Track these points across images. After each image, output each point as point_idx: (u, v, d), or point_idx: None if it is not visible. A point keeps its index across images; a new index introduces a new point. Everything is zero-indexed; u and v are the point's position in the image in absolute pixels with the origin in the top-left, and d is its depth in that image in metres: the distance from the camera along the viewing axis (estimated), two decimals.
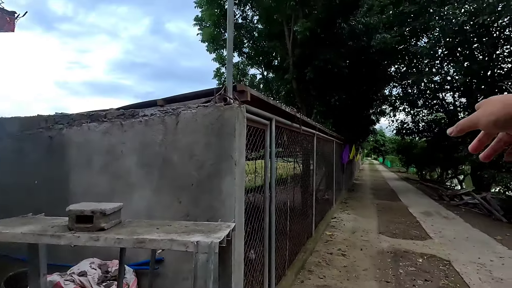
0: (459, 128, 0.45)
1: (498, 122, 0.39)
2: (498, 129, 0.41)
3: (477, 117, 0.42)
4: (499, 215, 7.70)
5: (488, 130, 0.43)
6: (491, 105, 0.41)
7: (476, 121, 0.42)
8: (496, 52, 10.22)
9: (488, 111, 0.41)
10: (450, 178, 18.47)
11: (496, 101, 0.40)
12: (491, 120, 0.40)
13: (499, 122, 0.39)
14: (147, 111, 2.09)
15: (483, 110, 0.42)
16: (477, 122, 0.42)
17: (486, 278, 3.83)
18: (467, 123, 0.44)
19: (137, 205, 2.05)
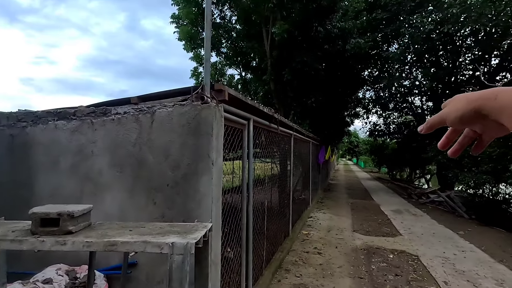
0: (429, 125, 0.48)
1: (463, 117, 0.42)
2: (464, 124, 0.44)
3: (445, 114, 0.45)
4: (461, 212, 8.25)
5: (455, 126, 0.45)
6: (457, 102, 0.43)
7: (444, 117, 0.45)
8: (459, 59, 10.96)
9: (454, 107, 0.43)
10: (418, 178, 19.50)
11: (461, 98, 0.43)
12: (458, 115, 0.42)
13: (464, 118, 0.42)
14: (120, 109, 2.01)
15: (450, 107, 0.45)
16: (445, 118, 0.45)
17: (450, 271, 4.08)
18: (436, 119, 0.47)
19: (109, 207, 1.97)
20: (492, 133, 0.45)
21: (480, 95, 0.40)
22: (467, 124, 0.44)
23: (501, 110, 0.36)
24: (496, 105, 0.37)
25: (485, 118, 0.40)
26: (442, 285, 3.62)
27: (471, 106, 0.41)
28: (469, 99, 0.41)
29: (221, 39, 11.26)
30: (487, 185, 8.03)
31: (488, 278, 3.88)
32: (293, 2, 7.94)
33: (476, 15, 7.84)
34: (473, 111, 0.40)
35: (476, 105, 0.40)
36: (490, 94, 0.38)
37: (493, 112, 0.38)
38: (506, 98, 0.36)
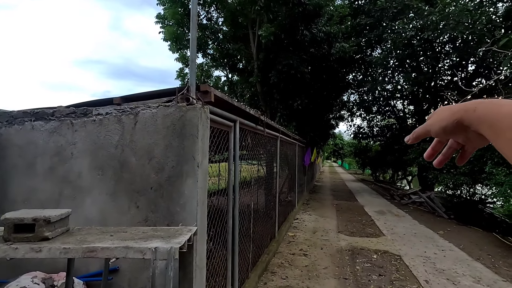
0: (415, 136, 0.50)
1: (446, 128, 0.43)
2: (447, 135, 0.45)
3: (429, 125, 0.47)
4: (441, 212, 8.53)
5: (439, 137, 0.47)
6: (441, 113, 0.45)
7: (429, 129, 0.46)
8: (438, 65, 11.38)
9: (439, 118, 0.45)
10: (400, 179, 20.06)
11: (445, 109, 0.44)
12: (441, 126, 0.44)
13: (447, 129, 0.43)
14: (102, 109, 1.95)
15: (434, 118, 0.46)
16: (429, 129, 0.46)
17: (430, 270, 4.20)
18: (422, 130, 0.48)
19: (89, 212, 1.89)
20: (475, 144, 0.47)
21: (461, 107, 0.41)
22: (450, 135, 0.45)
23: (480, 121, 0.37)
24: (475, 117, 0.38)
25: (467, 129, 0.41)
26: (423, 284, 3.72)
27: (454, 117, 0.42)
28: (452, 110, 0.43)
29: (208, 41, 11.19)
30: (465, 186, 8.37)
31: (466, 276, 4.02)
32: (280, 5, 8.01)
33: (454, 23, 8.18)
34: (455, 122, 0.42)
35: (458, 116, 0.41)
36: (470, 106, 0.40)
37: (473, 123, 0.39)
38: (484, 110, 0.37)
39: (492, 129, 0.35)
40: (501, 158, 6.22)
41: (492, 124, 0.35)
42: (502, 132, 0.34)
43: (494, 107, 0.36)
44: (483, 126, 0.37)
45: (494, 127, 0.35)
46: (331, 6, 9.96)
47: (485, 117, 0.37)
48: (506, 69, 5.58)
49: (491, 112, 0.36)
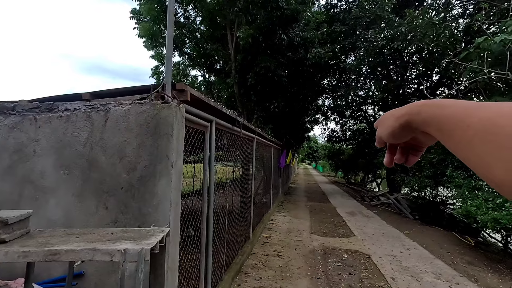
0: (377, 141, 0.51)
1: (394, 133, 0.45)
2: (397, 139, 0.47)
3: (379, 133, 0.49)
4: (407, 213, 9.01)
5: (390, 141, 0.49)
6: (386, 120, 0.47)
7: (381, 135, 0.49)
8: (407, 74, 12.06)
9: (385, 126, 0.47)
10: (370, 181, 20.91)
11: (388, 116, 0.46)
12: (389, 133, 0.46)
13: (395, 134, 0.45)
14: (70, 105, 1.85)
15: (381, 126, 0.48)
16: (381, 136, 0.48)
17: (396, 267, 4.42)
18: (377, 138, 0.50)
19: (53, 213, 1.78)
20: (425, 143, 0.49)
21: (405, 111, 0.42)
22: (400, 138, 0.46)
23: (426, 124, 0.38)
24: (421, 120, 0.39)
25: (415, 130, 0.42)
26: (390, 281, 3.90)
27: (399, 122, 0.43)
28: (396, 116, 0.44)
29: (185, 39, 11.00)
30: (428, 188, 8.91)
31: (429, 272, 4.28)
32: (258, 8, 8.07)
33: (421, 35, 8.72)
34: (402, 126, 0.43)
35: (403, 121, 0.43)
36: (414, 109, 0.41)
37: (420, 126, 0.40)
38: (428, 113, 0.38)
39: (440, 132, 0.36)
40: (460, 162, 6.69)
41: (438, 127, 0.36)
42: (449, 134, 0.34)
43: (438, 110, 0.36)
44: (431, 129, 0.38)
45: (441, 130, 0.35)
46: (308, 12, 10.19)
47: (431, 120, 0.37)
48: (466, 80, 6.03)
49: (435, 115, 0.36)
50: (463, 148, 0.32)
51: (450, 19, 10.15)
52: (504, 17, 7.05)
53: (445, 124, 0.34)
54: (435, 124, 0.37)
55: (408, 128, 0.42)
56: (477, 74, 5.32)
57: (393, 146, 0.52)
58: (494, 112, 0.29)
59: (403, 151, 0.52)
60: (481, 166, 0.29)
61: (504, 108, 0.28)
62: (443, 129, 0.35)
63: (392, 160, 0.53)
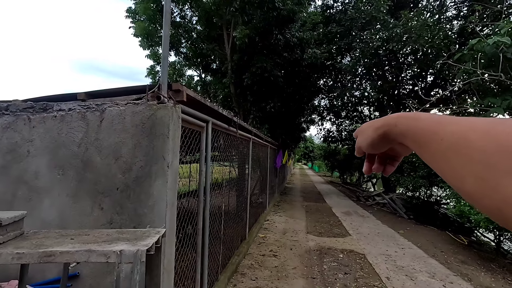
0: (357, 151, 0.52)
1: (373, 144, 0.46)
2: (375, 149, 0.48)
3: (358, 143, 0.50)
4: (402, 213, 9.09)
5: (369, 151, 0.50)
6: (365, 130, 0.48)
7: (360, 145, 0.49)
8: (402, 75, 12.16)
9: (364, 136, 0.48)
10: (366, 181, 21.03)
11: (368, 127, 0.47)
12: (368, 143, 0.47)
13: (374, 144, 0.46)
14: (64, 105, 1.83)
15: (360, 136, 0.49)
16: (360, 146, 0.49)
17: (391, 267, 4.46)
18: (357, 148, 0.51)
19: (47, 214, 1.77)
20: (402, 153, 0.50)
21: (383, 122, 0.44)
22: (378, 148, 0.47)
23: (403, 136, 0.39)
24: (398, 132, 0.40)
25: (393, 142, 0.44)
26: (385, 280, 3.93)
27: (377, 133, 0.44)
28: (374, 127, 0.45)
29: (181, 39, 10.95)
30: (423, 188, 9.00)
31: (423, 272, 4.32)
32: (255, 8, 8.07)
33: (416, 36, 8.80)
34: (380, 137, 0.44)
35: (381, 132, 0.44)
36: (391, 121, 0.42)
37: (397, 138, 0.41)
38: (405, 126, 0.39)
39: (416, 143, 0.37)
40: None
41: (414, 139, 0.37)
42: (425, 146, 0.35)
43: (413, 123, 0.37)
44: (407, 140, 0.39)
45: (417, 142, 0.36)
46: (305, 13, 10.22)
47: (406, 132, 0.38)
48: (459, 81, 6.10)
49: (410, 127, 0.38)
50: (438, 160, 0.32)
51: (444, 21, 10.26)
52: (497, 19, 7.15)
53: (421, 136, 0.35)
54: (411, 136, 0.38)
55: (386, 139, 0.44)
56: (471, 76, 5.39)
57: (371, 155, 0.53)
58: (466, 127, 0.30)
59: (381, 161, 0.53)
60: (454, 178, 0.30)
61: (476, 123, 0.29)
62: (418, 141, 0.36)
63: (371, 169, 0.54)
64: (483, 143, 0.27)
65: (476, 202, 0.28)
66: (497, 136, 0.26)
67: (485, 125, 0.28)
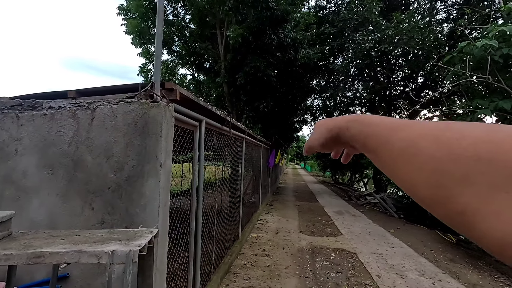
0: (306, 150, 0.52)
1: (324, 143, 0.46)
2: (327, 149, 0.48)
3: (310, 140, 0.49)
4: (392, 212, 9.22)
5: (319, 150, 0.49)
6: (318, 128, 0.47)
7: (311, 144, 0.49)
8: (393, 76, 12.33)
9: (317, 134, 0.47)
10: (357, 181, 21.28)
11: (321, 125, 0.46)
12: (320, 142, 0.46)
13: (325, 144, 0.46)
14: (54, 103, 1.79)
15: (313, 134, 0.48)
16: (311, 145, 0.49)
17: (382, 265, 4.52)
18: (306, 146, 0.50)
19: (36, 214, 1.73)
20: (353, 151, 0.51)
21: (336, 124, 0.43)
22: (330, 149, 0.47)
23: (353, 139, 0.39)
24: (350, 135, 0.40)
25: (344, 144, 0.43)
26: (376, 279, 3.98)
27: (329, 134, 0.44)
28: (328, 127, 0.44)
29: (174, 37, 10.86)
30: None
31: (413, 270, 4.39)
32: (248, 7, 8.06)
33: (407, 38, 8.94)
34: (332, 138, 0.44)
35: (333, 133, 0.43)
36: (343, 124, 0.41)
37: (348, 141, 0.41)
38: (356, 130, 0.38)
39: (366, 149, 0.37)
40: None
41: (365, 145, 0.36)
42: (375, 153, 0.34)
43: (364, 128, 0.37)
44: (357, 145, 0.39)
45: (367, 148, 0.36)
46: (298, 13, 10.27)
47: (358, 137, 0.38)
48: (449, 83, 6.22)
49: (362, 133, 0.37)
50: (390, 167, 0.32)
51: (435, 23, 10.45)
52: (486, 22, 7.31)
53: (372, 142, 0.35)
54: (361, 141, 0.37)
55: (338, 141, 0.43)
56: (460, 78, 5.50)
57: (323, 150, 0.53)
58: (415, 133, 0.29)
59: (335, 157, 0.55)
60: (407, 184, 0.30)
61: (424, 128, 0.29)
62: (369, 147, 0.35)
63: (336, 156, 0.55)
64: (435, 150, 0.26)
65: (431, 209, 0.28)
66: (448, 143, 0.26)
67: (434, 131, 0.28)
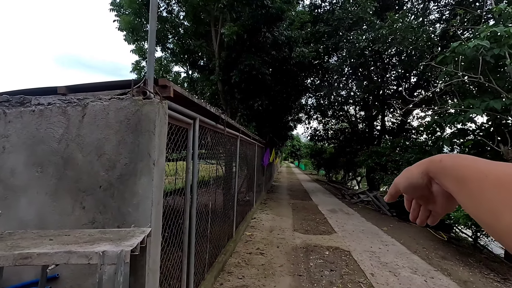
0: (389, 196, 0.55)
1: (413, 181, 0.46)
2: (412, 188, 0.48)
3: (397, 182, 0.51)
4: (385, 210, 9.31)
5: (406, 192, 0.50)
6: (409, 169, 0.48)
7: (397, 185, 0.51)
8: (386, 75, 12.43)
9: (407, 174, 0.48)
10: (351, 179, 21.45)
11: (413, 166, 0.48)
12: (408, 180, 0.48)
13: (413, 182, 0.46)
14: (43, 99, 1.75)
15: (402, 175, 0.50)
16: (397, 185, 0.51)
17: (375, 263, 4.55)
18: (393, 189, 0.53)
19: (25, 214, 1.68)
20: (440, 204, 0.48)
21: (429, 159, 0.44)
22: (415, 188, 0.47)
23: (444, 172, 0.40)
24: (441, 167, 0.41)
25: (432, 182, 0.44)
26: (369, 276, 4.01)
27: (420, 169, 0.45)
28: (419, 163, 0.46)
29: (168, 34, 10.74)
30: None
31: (406, 267, 4.44)
32: (243, 5, 8.01)
33: (400, 38, 9.01)
34: (421, 173, 0.44)
35: (424, 167, 0.44)
36: (436, 158, 0.42)
37: (438, 173, 0.41)
38: (449, 161, 0.39)
39: (455, 180, 0.37)
40: None
41: (456, 175, 0.37)
42: (464, 183, 0.35)
43: (458, 159, 0.38)
44: (446, 178, 0.39)
45: (457, 178, 0.37)
46: (293, 12, 10.24)
47: (449, 168, 0.39)
48: (441, 83, 6.29)
49: (455, 163, 0.38)
50: (476, 197, 0.33)
51: (428, 23, 10.55)
52: (477, 23, 7.41)
53: (463, 172, 0.36)
54: (453, 172, 0.38)
55: (425, 176, 0.44)
56: (452, 77, 5.57)
57: (409, 200, 0.54)
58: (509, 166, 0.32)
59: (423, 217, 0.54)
60: (490, 214, 0.31)
61: None
62: (460, 177, 0.37)
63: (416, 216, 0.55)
64: None
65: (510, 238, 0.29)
66: None
67: None
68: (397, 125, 14.12)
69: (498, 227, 0.30)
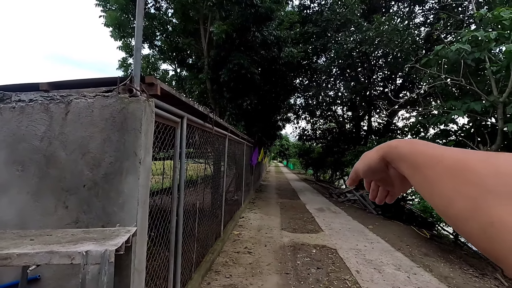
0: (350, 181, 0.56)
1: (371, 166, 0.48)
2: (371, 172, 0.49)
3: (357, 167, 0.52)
4: (371, 209, 9.50)
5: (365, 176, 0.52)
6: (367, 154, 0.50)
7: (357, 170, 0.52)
8: (373, 76, 12.68)
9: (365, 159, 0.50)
10: (338, 179, 21.76)
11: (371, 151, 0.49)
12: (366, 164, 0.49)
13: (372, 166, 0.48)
14: (25, 95, 1.69)
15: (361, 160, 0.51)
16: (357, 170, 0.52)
17: (361, 261, 4.65)
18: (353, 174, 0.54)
19: (5, 213, 1.63)
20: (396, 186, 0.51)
21: (386, 144, 0.45)
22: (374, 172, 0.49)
23: (399, 158, 0.41)
24: (396, 153, 0.42)
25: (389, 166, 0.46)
26: (355, 274, 4.09)
27: (378, 154, 0.46)
28: (377, 148, 0.47)
29: (155, 31, 10.59)
30: None
31: (390, 264, 4.55)
32: (232, 4, 7.99)
33: (387, 40, 9.21)
34: (379, 158, 0.46)
35: (382, 152, 0.46)
36: (392, 143, 0.44)
37: (394, 159, 0.43)
38: (405, 148, 0.41)
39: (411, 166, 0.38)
40: None
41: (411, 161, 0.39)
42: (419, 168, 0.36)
43: (413, 146, 0.40)
44: (402, 163, 0.40)
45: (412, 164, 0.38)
46: (282, 12, 10.30)
47: (405, 154, 0.40)
48: (425, 85, 6.47)
49: (411, 150, 0.39)
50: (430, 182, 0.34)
51: (413, 27, 10.82)
52: (460, 27, 7.66)
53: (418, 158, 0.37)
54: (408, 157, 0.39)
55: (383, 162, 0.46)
56: (436, 80, 5.74)
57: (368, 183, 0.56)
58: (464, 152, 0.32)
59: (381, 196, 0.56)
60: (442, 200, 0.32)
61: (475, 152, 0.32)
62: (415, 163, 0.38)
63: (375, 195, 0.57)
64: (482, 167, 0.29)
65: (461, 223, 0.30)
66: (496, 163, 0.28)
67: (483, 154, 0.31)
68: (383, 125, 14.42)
69: (450, 213, 0.31)
